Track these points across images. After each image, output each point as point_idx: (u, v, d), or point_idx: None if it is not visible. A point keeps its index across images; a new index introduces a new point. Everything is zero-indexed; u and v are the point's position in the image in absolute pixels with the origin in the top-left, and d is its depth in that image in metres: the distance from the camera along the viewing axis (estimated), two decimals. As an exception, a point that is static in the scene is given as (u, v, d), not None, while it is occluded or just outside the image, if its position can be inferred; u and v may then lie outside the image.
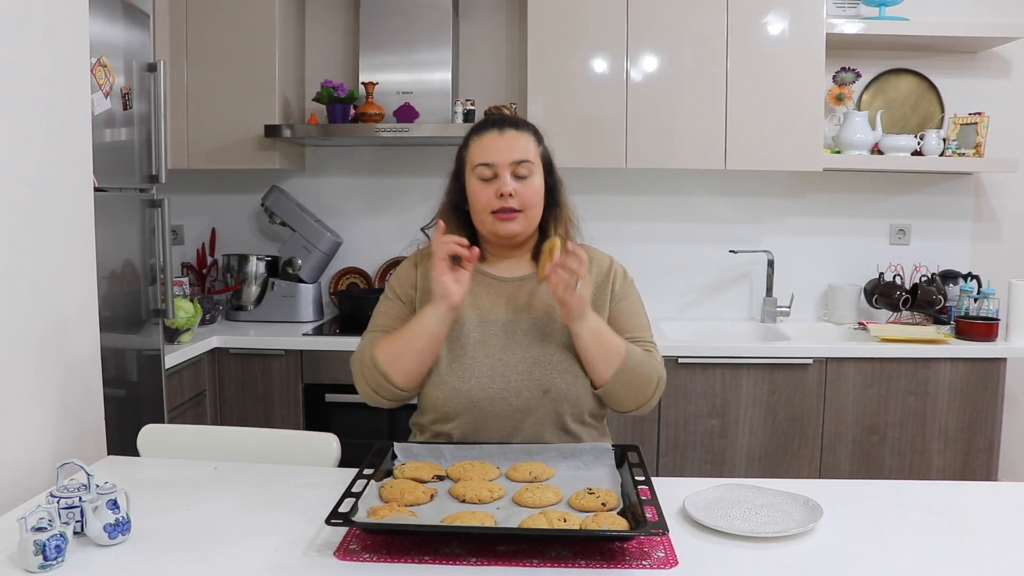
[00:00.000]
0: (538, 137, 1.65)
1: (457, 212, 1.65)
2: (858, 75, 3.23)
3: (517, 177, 1.58)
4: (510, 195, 1.56)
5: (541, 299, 1.63)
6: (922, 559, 1.16)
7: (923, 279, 3.18)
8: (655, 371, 1.59)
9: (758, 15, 2.97)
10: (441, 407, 1.59)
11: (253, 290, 3.26)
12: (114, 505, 1.18)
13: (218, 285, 3.34)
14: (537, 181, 1.60)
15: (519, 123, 1.64)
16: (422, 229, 1.72)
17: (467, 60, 3.35)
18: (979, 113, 3.13)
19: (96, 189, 1.77)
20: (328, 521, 1.15)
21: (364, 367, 1.60)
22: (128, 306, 2.34)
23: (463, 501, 1.31)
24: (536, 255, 1.65)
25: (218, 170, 3.27)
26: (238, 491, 1.42)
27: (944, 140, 3.16)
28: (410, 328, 1.56)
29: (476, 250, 1.54)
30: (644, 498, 1.24)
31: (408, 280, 1.69)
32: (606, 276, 1.67)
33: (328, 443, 1.66)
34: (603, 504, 1.28)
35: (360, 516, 1.20)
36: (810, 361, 2.82)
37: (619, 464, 1.44)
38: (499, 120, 1.64)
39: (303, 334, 2.97)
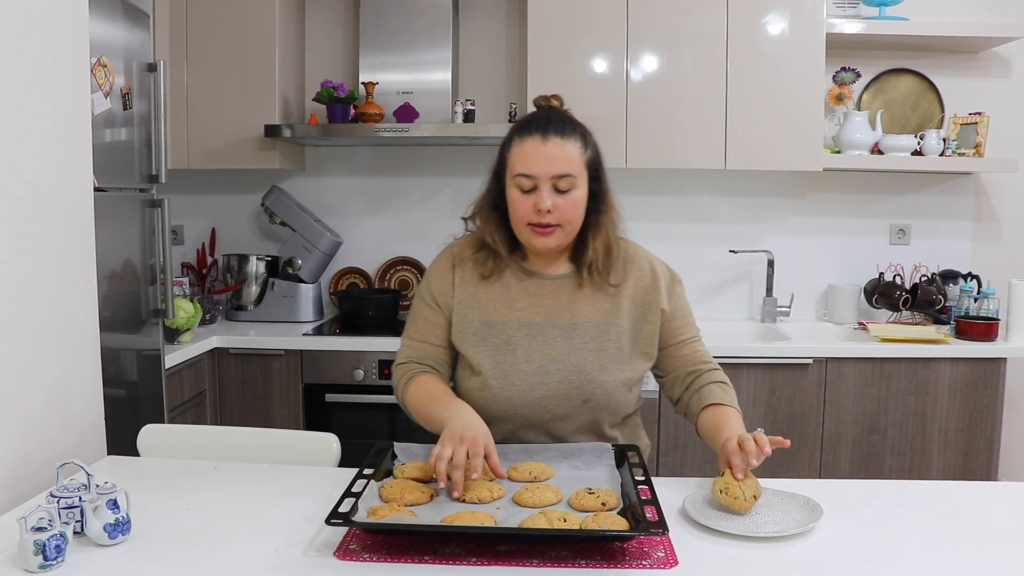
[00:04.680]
0: (586, 140, 1.54)
1: (497, 212, 1.58)
2: (858, 75, 3.23)
3: (558, 191, 1.49)
4: (548, 211, 1.48)
5: (581, 301, 1.58)
6: (922, 559, 1.16)
7: (923, 279, 3.18)
8: (729, 383, 1.61)
9: (758, 15, 2.97)
10: (482, 412, 1.55)
11: (253, 290, 3.26)
12: (114, 505, 1.18)
13: (218, 285, 3.34)
14: (578, 194, 1.51)
15: (565, 127, 1.52)
16: (463, 217, 1.66)
17: (467, 60, 3.35)
18: (979, 113, 3.13)
19: (96, 189, 1.77)
20: (328, 521, 1.15)
21: (397, 393, 1.63)
22: (128, 306, 2.34)
23: (463, 501, 1.31)
24: (575, 258, 1.60)
25: (218, 170, 3.27)
26: (238, 491, 1.42)
27: (944, 140, 3.16)
28: (431, 416, 1.51)
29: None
30: (644, 498, 1.24)
31: (446, 282, 1.63)
32: (651, 285, 1.61)
33: (328, 443, 1.66)
34: (603, 504, 1.28)
35: (360, 516, 1.20)
36: (810, 361, 2.82)
37: (619, 464, 1.44)
38: (544, 123, 1.52)
39: (303, 334, 2.98)
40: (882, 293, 3.17)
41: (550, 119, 1.53)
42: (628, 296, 1.59)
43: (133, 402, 2.34)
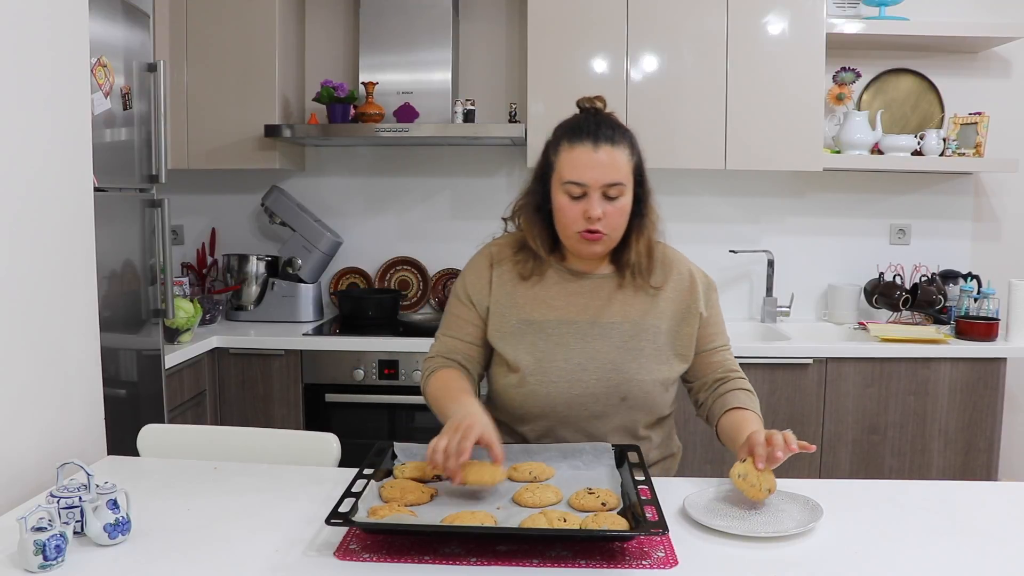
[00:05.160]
0: (633, 146, 1.54)
1: (540, 214, 1.58)
2: (858, 75, 3.23)
3: (607, 198, 1.50)
4: (598, 218, 1.49)
5: (620, 300, 1.59)
6: (922, 559, 1.16)
7: (923, 279, 3.18)
8: (754, 392, 1.61)
9: (758, 15, 2.97)
10: (518, 409, 1.58)
11: (253, 290, 3.26)
12: (114, 505, 1.18)
13: (218, 285, 3.34)
14: (626, 201, 1.52)
15: (615, 134, 1.51)
16: (504, 218, 1.67)
17: (467, 60, 3.35)
18: (979, 113, 3.13)
19: (96, 189, 1.76)
20: (328, 521, 1.15)
21: (421, 386, 1.64)
22: (128, 306, 2.34)
23: (464, 484, 1.31)
24: (615, 258, 1.61)
25: (218, 170, 3.27)
26: (238, 491, 1.42)
27: (944, 140, 3.16)
28: (441, 408, 1.50)
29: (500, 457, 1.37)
30: (644, 498, 1.24)
31: (483, 281, 1.64)
32: (689, 288, 1.62)
33: (328, 443, 1.66)
34: (603, 504, 1.28)
35: (360, 516, 1.20)
36: (810, 361, 2.82)
37: (619, 464, 1.44)
38: (595, 129, 1.51)
39: (303, 334, 2.98)
40: (882, 293, 3.17)
41: (600, 125, 1.52)
42: (668, 298, 1.61)
43: (133, 402, 2.34)
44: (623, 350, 1.57)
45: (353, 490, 1.26)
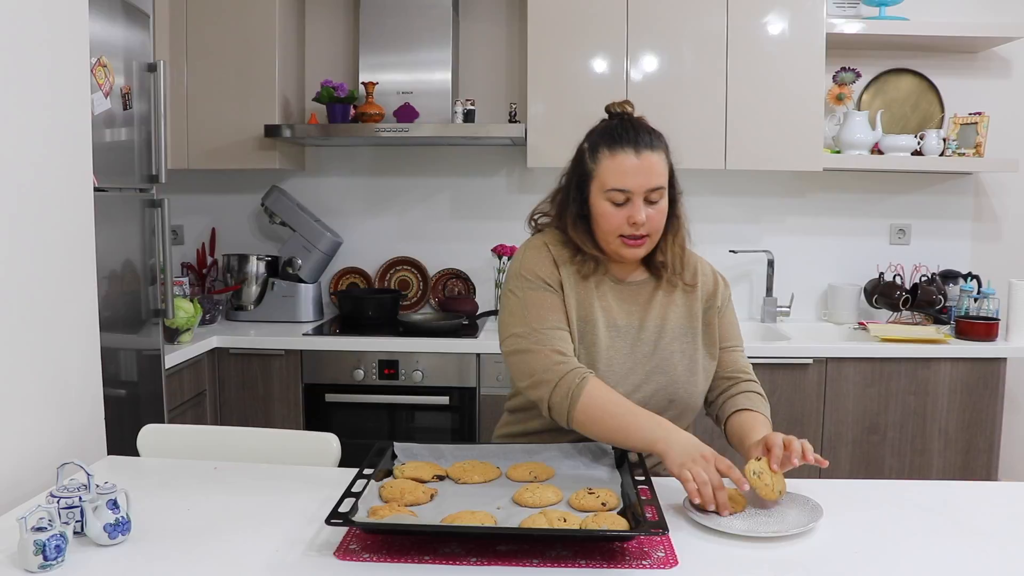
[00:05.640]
0: (667, 150, 1.57)
1: (584, 221, 1.57)
2: (858, 75, 3.23)
3: (648, 202, 1.52)
4: (643, 224, 1.51)
5: (664, 304, 1.61)
6: (922, 559, 1.16)
7: (923, 279, 3.18)
8: (765, 397, 1.63)
9: (758, 15, 2.97)
10: None
11: (253, 290, 3.26)
12: (114, 505, 1.18)
13: (218, 285, 3.34)
14: (664, 203, 1.55)
15: (653, 139, 1.54)
16: (534, 219, 1.67)
17: (467, 60, 3.35)
18: (979, 113, 3.13)
19: (96, 189, 1.77)
20: (328, 521, 1.14)
21: (559, 395, 1.46)
22: (128, 306, 2.34)
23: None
24: (647, 262, 1.62)
25: (218, 170, 3.27)
26: (238, 491, 1.42)
27: (944, 140, 3.16)
28: (627, 427, 1.42)
29: None
30: (644, 498, 1.23)
31: (556, 274, 1.56)
32: (713, 289, 1.66)
33: (328, 443, 1.66)
34: (603, 504, 1.28)
35: (360, 516, 1.20)
36: (810, 361, 2.82)
37: (619, 464, 1.44)
38: (634, 136, 1.53)
39: (303, 334, 2.98)
40: (882, 293, 3.17)
41: (639, 131, 1.54)
42: (700, 297, 1.64)
43: (133, 402, 2.34)
44: (665, 351, 1.59)
45: (353, 490, 1.26)
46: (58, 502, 1.19)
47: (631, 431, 1.41)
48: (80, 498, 1.20)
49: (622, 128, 1.55)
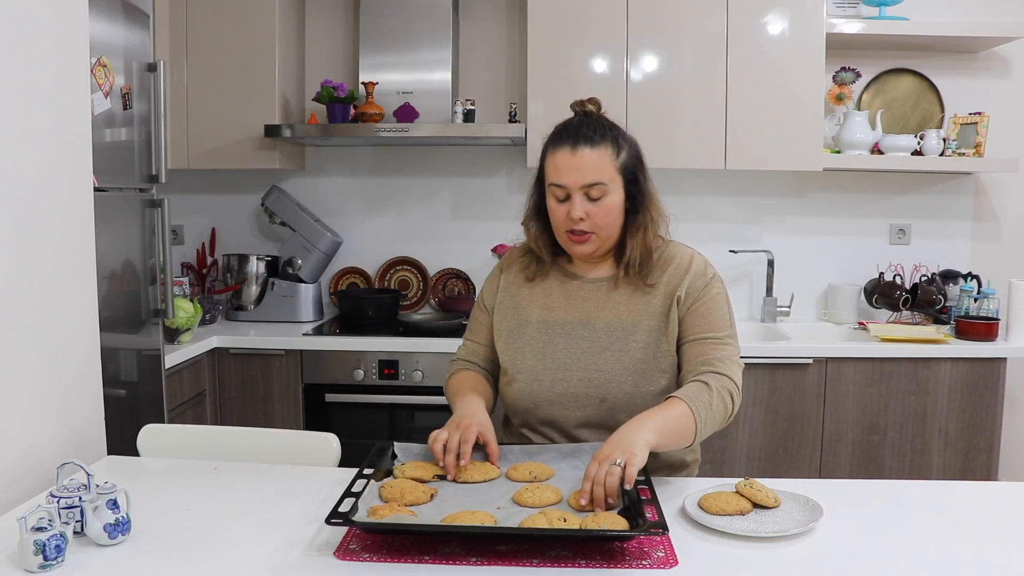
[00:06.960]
0: (618, 145, 1.55)
1: (541, 217, 1.63)
2: (858, 75, 3.22)
3: (590, 198, 1.52)
4: (580, 219, 1.52)
5: (613, 302, 1.60)
6: (922, 559, 1.16)
7: (923, 279, 3.18)
8: (724, 400, 1.47)
9: (758, 15, 2.97)
10: (511, 407, 1.66)
11: (253, 290, 3.26)
12: (114, 505, 1.18)
13: (218, 285, 3.34)
14: (611, 199, 1.53)
15: (595, 135, 1.53)
16: (522, 223, 1.69)
17: (467, 60, 3.35)
18: (979, 113, 3.13)
19: (96, 189, 1.77)
20: (328, 521, 1.15)
21: (444, 383, 1.74)
22: (128, 306, 2.34)
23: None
24: (619, 259, 1.60)
25: (218, 170, 3.27)
26: (238, 491, 1.42)
27: (944, 140, 3.16)
28: (453, 406, 1.61)
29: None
30: (644, 498, 1.23)
31: (493, 285, 1.73)
32: (680, 276, 1.58)
33: (328, 443, 1.66)
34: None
35: (360, 516, 1.20)
36: (810, 361, 2.82)
37: (619, 464, 1.44)
38: (574, 132, 1.53)
39: (303, 334, 2.97)
40: (882, 293, 3.17)
41: (580, 127, 1.55)
42: (660, 293, 1.59)
43: (133, 402, 2.34)
44: (605, 349, 1.57)
45: (353, 490, 1.26)
46: (58, 502, 1.19)
47: (453, 409, 1.58)
48: (80, 498, 1.20)
49: (568, 126, 1.57)
